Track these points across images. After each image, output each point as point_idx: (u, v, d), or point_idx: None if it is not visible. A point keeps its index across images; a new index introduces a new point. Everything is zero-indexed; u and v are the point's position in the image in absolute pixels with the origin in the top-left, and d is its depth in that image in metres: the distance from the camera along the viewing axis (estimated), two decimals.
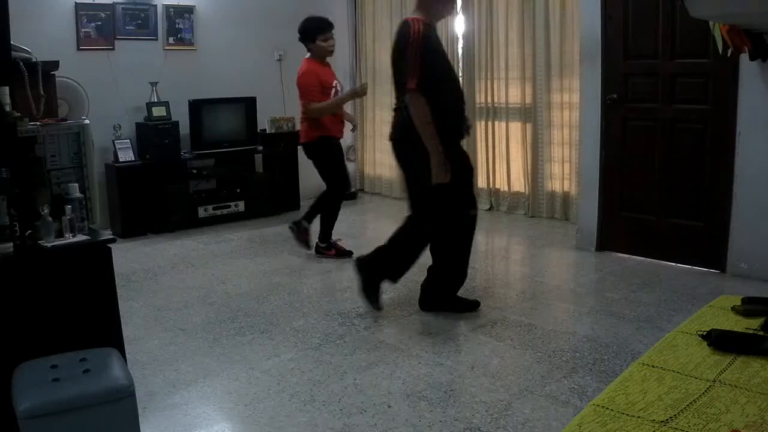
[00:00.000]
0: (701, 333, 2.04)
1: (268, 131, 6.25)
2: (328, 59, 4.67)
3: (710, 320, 2.20)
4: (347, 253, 4.73)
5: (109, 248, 2.46)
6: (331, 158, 4.72)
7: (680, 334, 2.11)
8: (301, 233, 4.82)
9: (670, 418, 1.59)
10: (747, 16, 2.93)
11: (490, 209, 6.12)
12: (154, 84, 5.62)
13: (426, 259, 3.62)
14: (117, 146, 5.40)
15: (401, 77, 3.31)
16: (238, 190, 5.98)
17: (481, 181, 6.21)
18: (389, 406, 2.61)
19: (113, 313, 2.50)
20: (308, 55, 4.60)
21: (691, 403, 1.65)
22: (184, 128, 5.69)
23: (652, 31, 4.22)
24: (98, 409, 1.94)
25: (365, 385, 2.80)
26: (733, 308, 2.28)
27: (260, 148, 6.14)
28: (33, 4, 5.01)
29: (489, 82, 5.94)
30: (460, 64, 6.15)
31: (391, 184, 6.93)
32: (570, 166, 5.48)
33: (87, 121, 2.86)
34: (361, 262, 3.65)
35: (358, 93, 4.88)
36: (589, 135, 4.61)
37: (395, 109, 3.45)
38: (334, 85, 4.61)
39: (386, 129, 6.99)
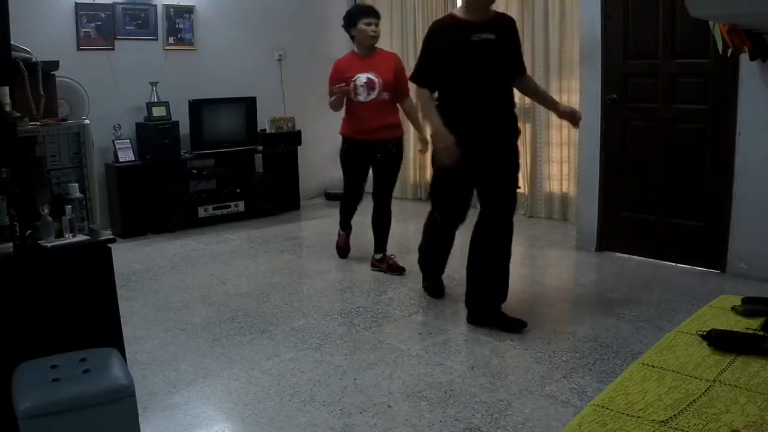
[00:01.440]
0: (701, 333, 2.04)
1: (268, 131, 6.25)
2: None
3: (710, 320, 2.20)
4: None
5: (109, 248, 2.46)
6: (341, 159, 4.50)
7: (680, 334, 2.11)
8: (385, 263, 4.42)
9: (670, 418, 1.59)
10: (747, 16, 2.93)
11: None
12: (154, 84, 5.61)
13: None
14: (117, 146, 5.40)
15: None
16: (238, 190, 5.97)
17: None
18: (389, 406, 2.61)
19: (113, 313, 2.50)
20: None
21: (691, 403, 1.65)
22: (184, 128, 5.69)
23: (652, 31, 4.22)
24: (98, 409, 1.94)
25: (365, 385, 2.80)
26: (733, 308, 2.28)
27: (260, 148, 6.14)
28: (33, 4, 5.00)
29: None
30: None
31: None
32: (569, 166, 5.48)
33: (87, 121, 2.86)
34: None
35: None
36: (588, 135, 4.61)
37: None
38: (353, 78, 4.21)
39: None
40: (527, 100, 5.62)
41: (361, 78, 4.22)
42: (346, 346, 3.21)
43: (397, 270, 4.35)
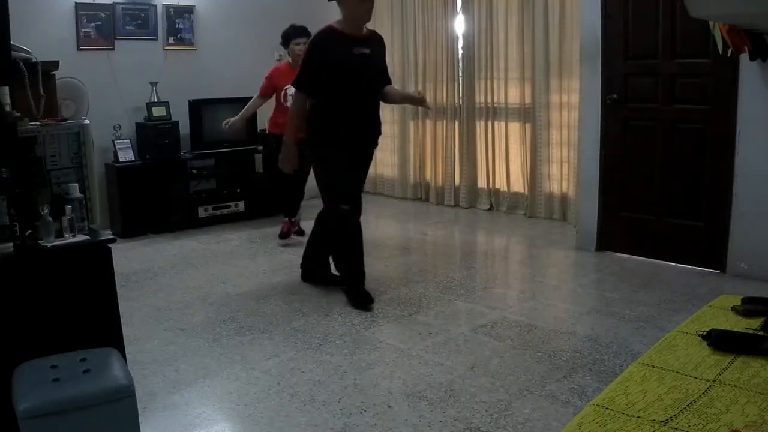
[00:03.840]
0: (701, 333, 2.04)
1: (268, 131, 6.24)
2: None
3: (710, 320, 2.20)
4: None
5: (109, 248, 2.46)
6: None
7: (680, 334, 2.11)
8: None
9: (670, 418, 1.59)
10: (747, 16, 2.93)
11: (490, 209, 6.13)
12: (154, 84, 5.62)
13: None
14: (117, 146, 5.40)
15: None
16: (238, 190, 5.98)
17: (480, 181, 6.22)
18: (389, 406, 2.61)
19: (113, 313, 2.50)
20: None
21: (691, 403, 1.65)
22: (184, 128, 5.69)
23: (652, 31, 4.21)
24: (98, 409, 1.94)
25: (365, 385, 2.80)
26: (733, 308, 2.28)
27: (260, 148, 6.13)
28: (33, 4, 5.00)
29: (488, 82, 5.95)
30: (460, 65, 6.15)
31: (393, 183, 6.93)
32: (568, 166, 5.48)
33: (87, 121, 2.87)
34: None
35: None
36: (589, 135, 4.61)
37: None
38: (285, 88, 4.88)
39: (388, 128, 7.02)
40: (527, 100, 5.67)
41: (291, 89, 4.61)
42: (346, 346, 3.21)
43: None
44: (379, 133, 3.92)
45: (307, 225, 4.90)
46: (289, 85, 4.69)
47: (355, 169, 3.80)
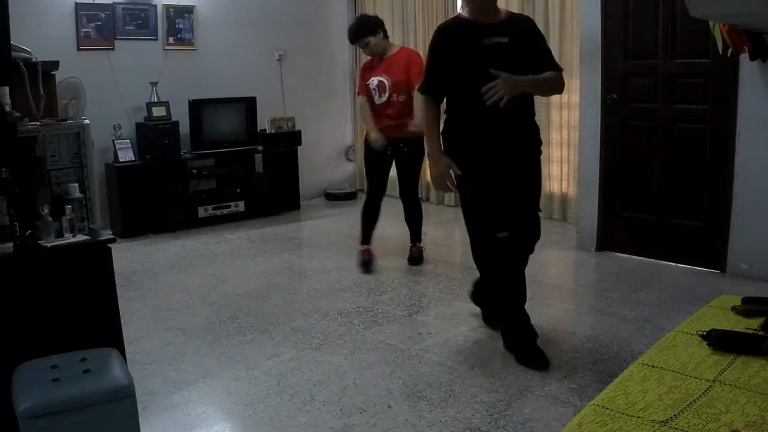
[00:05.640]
0: (701, 333, 2.04)
1: (268, 131, 6.25)
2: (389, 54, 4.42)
3: (710, 320, 2.20)
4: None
5: (109, 248, 2.46)
6: (365, 157, 4.60)
7: (680, 334, 2.11)
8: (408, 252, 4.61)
9: (670, 418, 1.59)
10: (747, 16, 2.93)
11: None
12: (154, 84, 5.62)
13: None
14: (117, 146, 5.40)
15: None
16: (238, 190, 5.98)
17: None
18: (389, 406, 2.61)
19: (113, 313, 2.50)
20: None
21: (691, 403, 1.65)
22: (184, 128, 5.69)
23: (652, 31, 4.22)
24: (98, 409, 1.94)
25: (365, 385, 2.80)
26: (733, 308, 2.28)
27: (260, 148, 6.14)
28: (33, 4, 5.01)
29: None
30: None
31: (393, 183, 6.91)
32: (568, 166, 5.48)
33: (87, 121, 2.87)
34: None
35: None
36: (588, 135, 4.61)
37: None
38: (368, 82, 4.37)
39: None
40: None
41: (374, 81, 4.36)
42: (346, 346, 3.21)
43: (414, 261, 4.54)
44: (539, 143, 3.09)
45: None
46: (372, 78, 4.34)
47: (509, 188, 3.00)
